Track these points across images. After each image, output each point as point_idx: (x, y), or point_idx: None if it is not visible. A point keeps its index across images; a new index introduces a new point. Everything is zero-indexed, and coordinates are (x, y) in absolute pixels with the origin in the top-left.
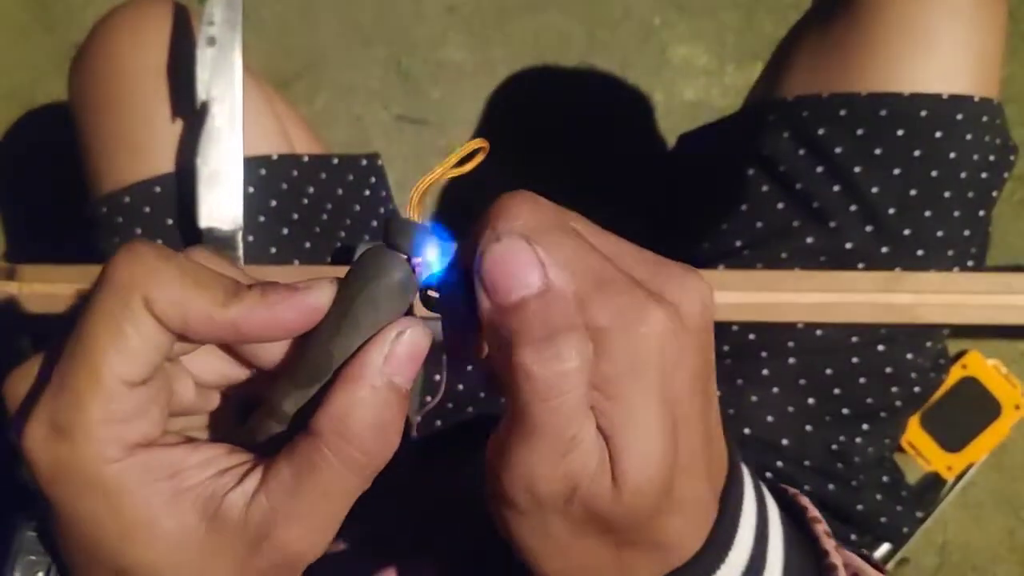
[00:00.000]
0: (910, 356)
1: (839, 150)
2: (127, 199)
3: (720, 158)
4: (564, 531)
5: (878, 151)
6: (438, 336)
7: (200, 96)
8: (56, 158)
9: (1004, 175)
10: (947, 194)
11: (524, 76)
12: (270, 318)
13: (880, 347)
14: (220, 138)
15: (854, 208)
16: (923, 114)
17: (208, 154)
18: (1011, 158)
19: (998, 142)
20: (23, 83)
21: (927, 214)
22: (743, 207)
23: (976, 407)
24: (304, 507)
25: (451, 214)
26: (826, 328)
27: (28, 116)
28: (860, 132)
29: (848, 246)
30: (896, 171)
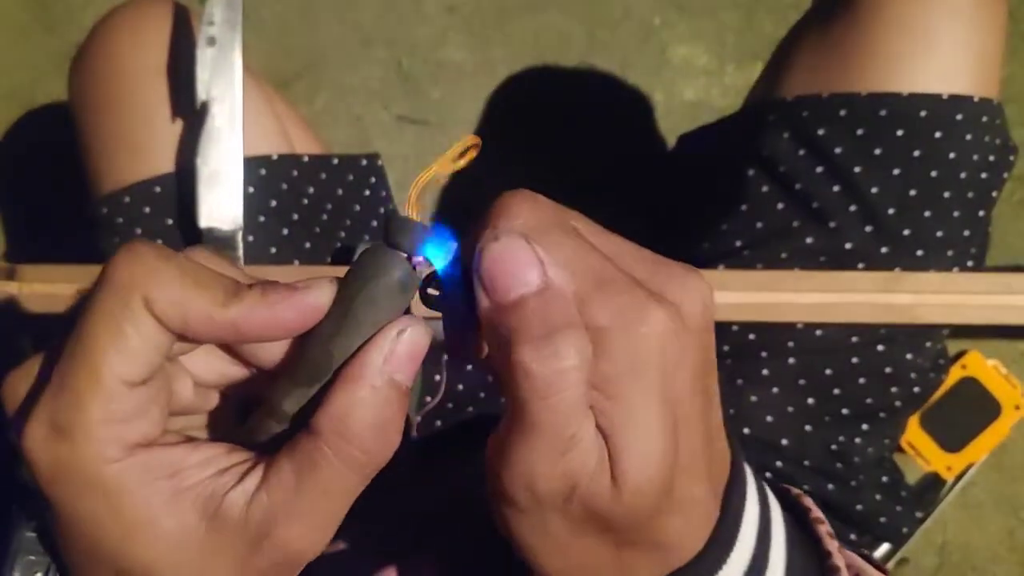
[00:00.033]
0: (910, 356)
1: (839, 150)
2: (127, 199)
3: (720, 158)
4: (564, 530)
5: (878, 151)
6: (438, 335)
7: (200, 96)
8: (56, 158)
9: (1004, 175)
10: (947, 194)
11: (524, 76)
12: (270, 318)
13: (880, 347)
14: (220, 138)
15: (854, 208)
16: (923, 114)
17: (208, 154)
18: (1011, 158)
19: (998, 142)
20: (23, 83)
21: (927, 214)
22: (743, 207)
23: (976, 407)
24: (305, 506)
25: (451, 213)
26: (826, 328)
27: (28, 116)
28: (860, 132)
29: (848, 246)
30: (896, 171)
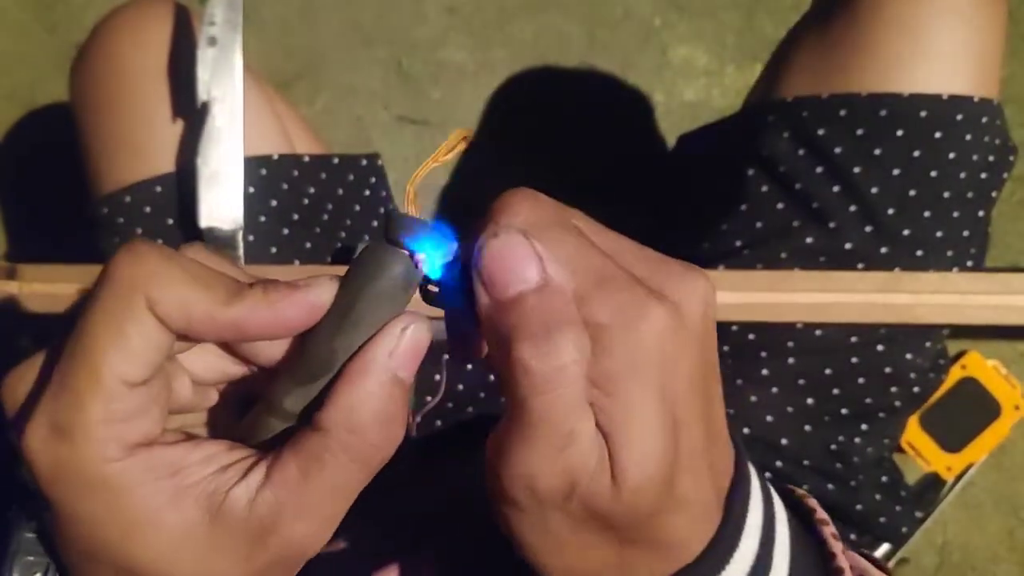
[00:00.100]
0: (909, 356)
1: (839, 150)
2: (128, 199)
3: (720, 158)
4: (564, 528)
5: (878, 151)
6: (438, 334)
7: (201, 96)
8: (57, 158)
9: (1003, 176)
10: (946, 194)
11: (525, 77)
12: (272, 316)
13: (879, 347)
14: (221, 138)
15: (854, 208)
16: (923, 114)
17: (209, 154)
18: (1010, 159)
19: (997, 143)
20: (24, 83)
21: (926, 214)
22: (743, 207)
23: (976, 407)
24: (311, 502)
25: (451, 213)
26: (826, 328)
27: (29, 116)
28: (860, 132)
29: (848, 246)
30: (896, 171)
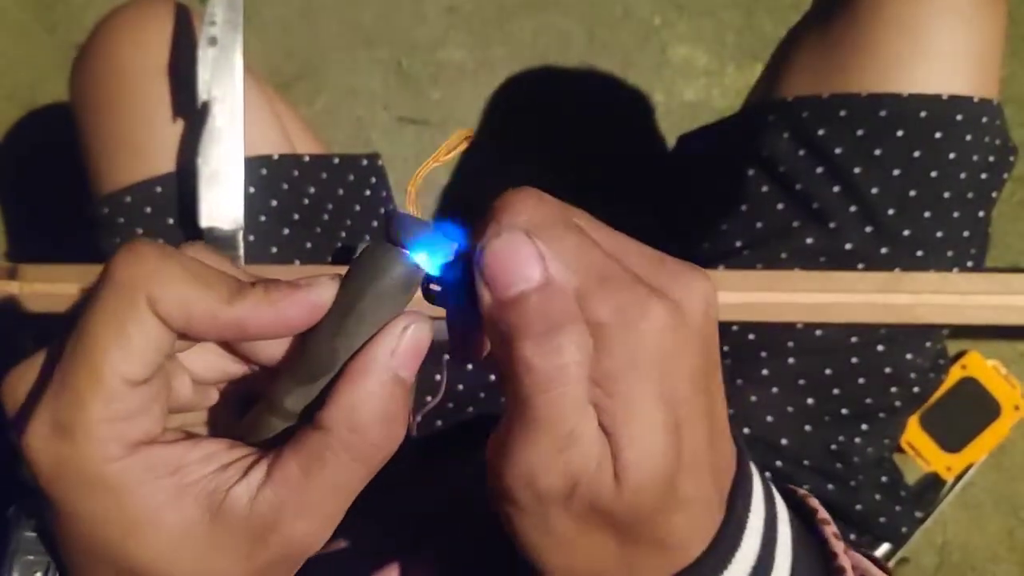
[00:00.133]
0: (909, 356)
1: (839, 151)
2: (128, 199)
3: (720, 159)
4: (566, 528)
5: (878, 152)
6: (439, 334)
7: (201, 96)
8: (57, 158)
9: (1004, 176)
10: (947, 195)
11: (524, 76)
12: (274, 315)
13: (880, 347)
14: (221, 138)
15: (854, 209)
16: (923, 115)
17: (209, 154)
18: (1010, 159)
19: (998, 143)
20: (24, 83)
21: (927, 215)
22: (743, 207)
23: (976, 407)
24: (313, 500)
25: (452, 213)
26: (826, 328)
27: (29, 116)
28: (860, 133)
29: (848, 246)
30: (896, 172)
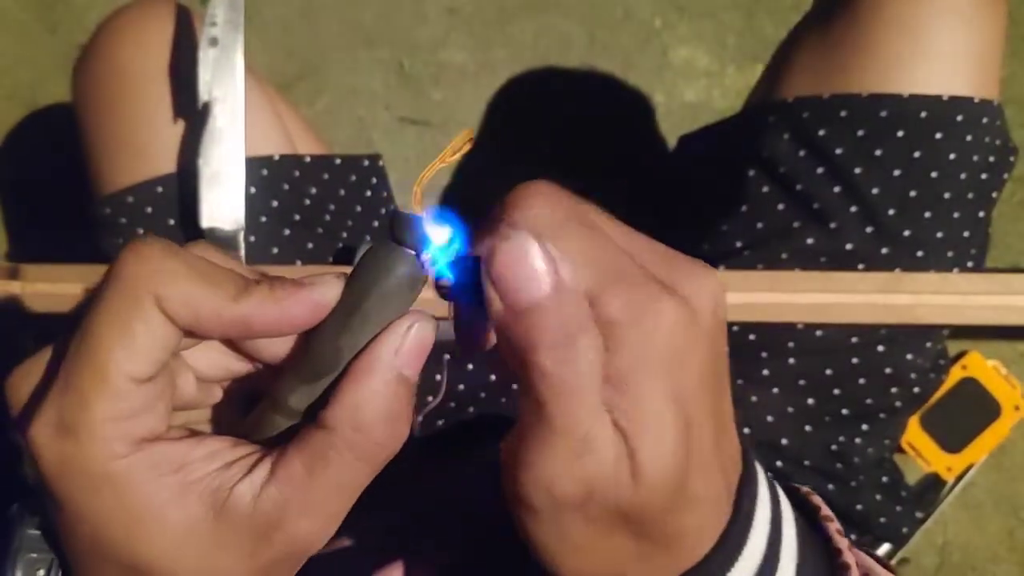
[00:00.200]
0: (910, 357)
1: (839, 151)
2: (130, 199)
3: (721, 159)
4: (583, 531)
5: (878, 152)
6: (441, 334)
7: (202, 97)
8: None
9: (1004, 176)
10: (947, 195)
11: (525, 77)
12: (278, 313)
13: (880, 348)
14: (222, 139)
15: (854, 209)
16: (923, 115)
17: (210, 154)
18: (1011, 159)
19: (998, 143)
20: (25, 83)
21: (927, 215)
22: (743, 208)
23: (976, 408)
24: (316, 498)
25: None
26: (826, 328)
27: (31, 117)
28: (860, 133)
29: (848, 247)
30: (896, 172)
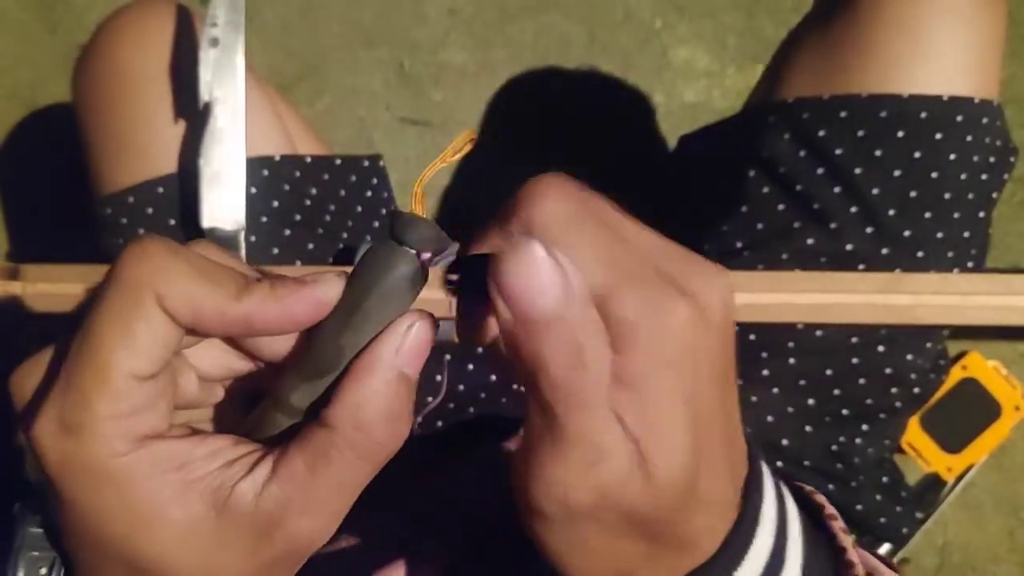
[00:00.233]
0: (910, 357)
1: (839, 151)
2: (130, 199)
3: (721, 160)
4: (597, 536)
5: (878, 152)
6: (441, 334)
7: (203, 97)
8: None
9: (1004, 177)
10: (947, 195)
11: (525, 78)
12: (280, 311)
13: (880, 348)
14: (223, 139)
15: (854, 209)
16: (923, 116)
17: (211, 155)
18: (1011, 160)
19: (998, 144)
20: (25, 83)
21: (927, 215)
22: (743, 208)
23: (976, 408)
24: (317, 497)
25: (453, 213)
26: (826, 329)
27: (30, 117)
28: (860, 134)
29: (848, 247)
30: (896, 172)
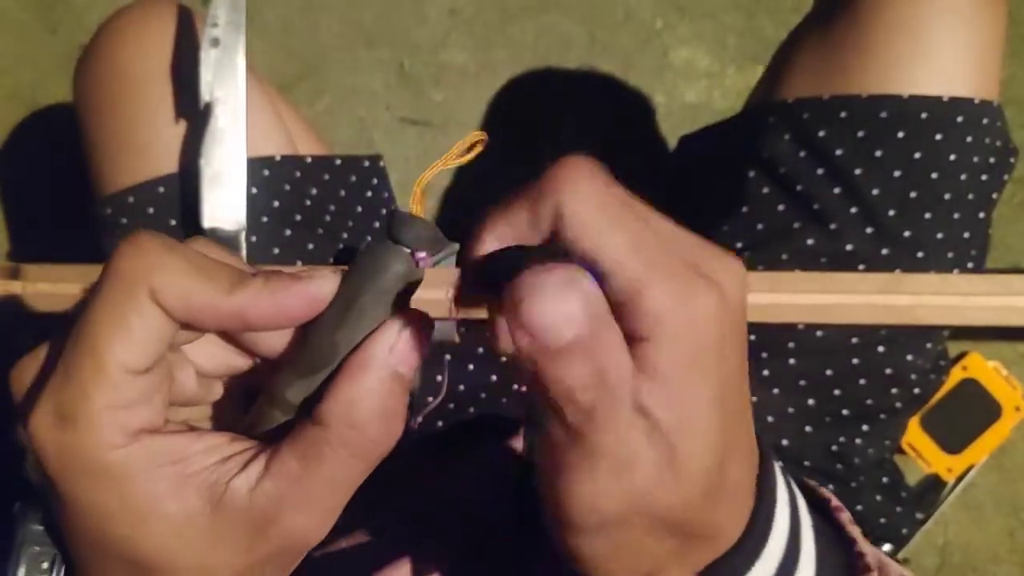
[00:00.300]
0: (910, 357)
1: (839, 152)
2: (131, 199)
3: (721, 160)
4: (629, 539)
5: (878, 153)
6: (439, 334)
7: (204, 97)
8: (59, 158)
9: (1004, 177)
10: (947, 196)
11: (526, 78)
12: (274, 306)
13: (880, 348)
14: (223, 139)
15: (854, 210)
16: (923, 116)
17: (211, 155)
18: (1011, 160)
19: (998, 144)
20: (25, 83)
21: (927, 216)
22: (744, 209)
23: (976, 409)
24: (310, 494)
25: (452, 213)
26: (826, 329)
27: (31, 117)
28: (860, 134)
29: (848, 248)
30: (896, 173)
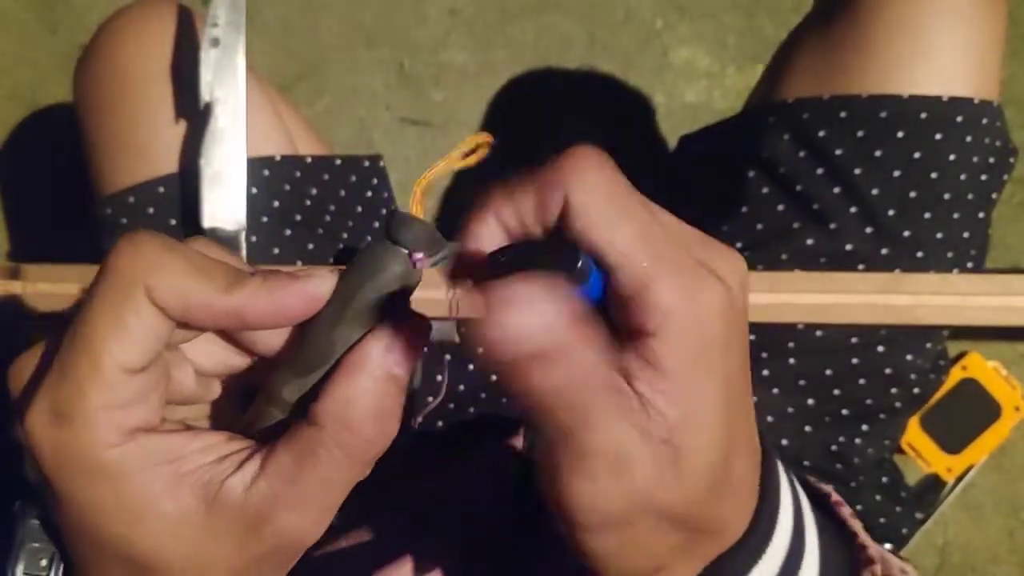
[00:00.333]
0: (910, 357)
1: (839, 152)
2: (131, 199)
3: (721, 160)
4: (634, 535)
5: (878, 153)
6: (438, 335)
7: (204, 97)
8: (59, 158)
9: (1004, 177)
10: (947, 196)
11: (526, 78)
12: (271, 305)
13: (880, 348)
14: (223, 139)
15: (854, 210)
16: (923, 116)
17: (211, 155)
18: (1011, 160)
19: (998, 144)
20: (25, 83)
21: (927, 216)
22: (743, 209)
23: (976, 409)
24: (305, 494)
25: (452, 214)
26: (826, 329)
27: (31, 117)
28: (860, 134)
29: (848, 247)
30: (896, 173)
